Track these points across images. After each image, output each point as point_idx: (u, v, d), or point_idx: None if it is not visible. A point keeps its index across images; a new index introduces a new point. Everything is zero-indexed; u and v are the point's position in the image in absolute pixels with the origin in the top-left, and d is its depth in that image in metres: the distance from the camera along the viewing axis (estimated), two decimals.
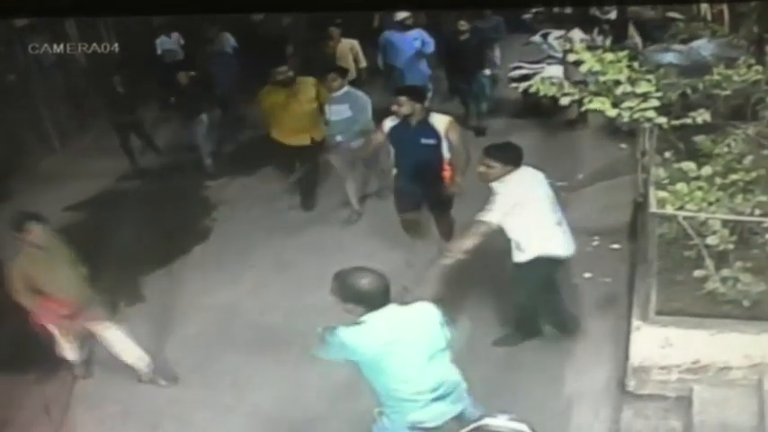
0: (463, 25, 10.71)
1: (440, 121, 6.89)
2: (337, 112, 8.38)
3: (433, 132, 6.86)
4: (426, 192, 7.17)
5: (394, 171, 7.33)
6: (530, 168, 5.77)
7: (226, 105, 11.63)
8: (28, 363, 6.61)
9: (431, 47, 11.03)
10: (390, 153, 7.29)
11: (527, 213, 5.58)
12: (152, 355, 6.44)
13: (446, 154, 6.96)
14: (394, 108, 6.87)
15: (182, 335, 7.08)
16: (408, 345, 4.13)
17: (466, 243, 5.55)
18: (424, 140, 6.88)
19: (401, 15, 10.90)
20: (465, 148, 6.88)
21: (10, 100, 10.85)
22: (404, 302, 4.30)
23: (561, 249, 5.78)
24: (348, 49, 11.15)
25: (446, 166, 6.99)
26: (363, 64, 11.32)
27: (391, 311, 4.14)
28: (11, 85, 11.27)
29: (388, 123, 7.04)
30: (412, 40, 10.90)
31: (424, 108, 7.00)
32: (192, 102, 10.49)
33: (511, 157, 5.64)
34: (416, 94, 7.07)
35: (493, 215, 5.51)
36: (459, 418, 4.34)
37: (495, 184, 5.62)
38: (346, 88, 8.48)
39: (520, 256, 5.73)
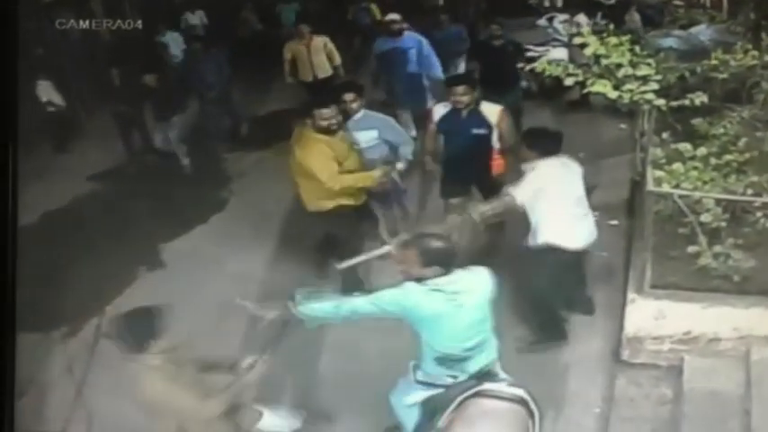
0: (497, 29, 9.68)
1: (491, 111, 6.65)
2: (366, 139, 6.89)
3: (483, 122, 6.63)
4: (474, 180, 7.00)
5: (442, 158, 6.99)
6: (567, 159, 5.91)
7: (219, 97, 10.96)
8: (51, 322, 6.80)
9: (431, 61, 9.64)
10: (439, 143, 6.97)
11: (549, 201, 5.66)
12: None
13: (496, 144, 6.77)
14: (453, 100, 6.59)
15: (198, 300, 7.26)
16: (467, 306, 4.37)
17: (487, 207, 5.71)
18: (474, 130, 6.63)
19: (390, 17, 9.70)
20: (515, 138, 6.61)
21: (38, 74, 10.93)
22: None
23: (573, 242, 5.78)
24: (321, 46, 10.51)
25: (495, 156, 6.86)
26: (338, 61, 10.63)
27: (455, 274, 4.37)
28: (39, 59, 11.37)
29: (439, 110, 6.83)
30: (405, 51, 9.59)
31: (475, 97, 6.67)
32: (162, 105, 10.10)
33: (547, 145, 5.80)
34: (471, 81, 6.89)
35: (516, 192, 5.65)
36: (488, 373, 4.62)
37: (526, 166, 5.79)
38: (363, 110, 6.98)
39: (532, 241, 5.83)
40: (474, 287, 4.41)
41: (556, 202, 5.70)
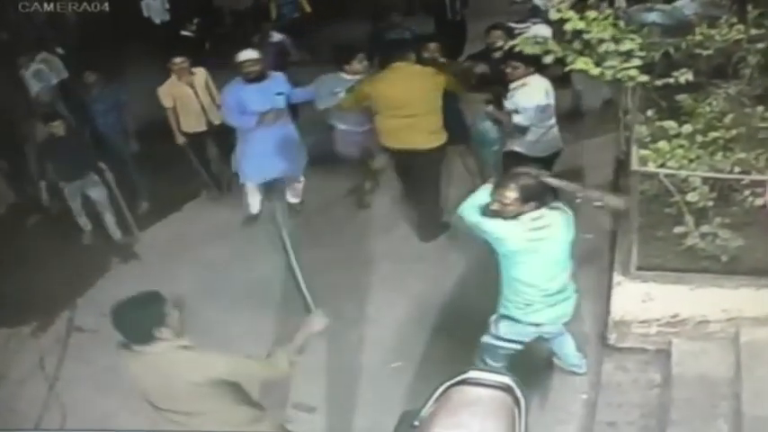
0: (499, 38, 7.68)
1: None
2: None
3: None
4: None
5: None
6: (542, 78, 6.76)
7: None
8: (23, 317, 6.69)
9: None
10: None
11: (523, 115, 6.71)
12: None
13: None
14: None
15: (171, 291, 7.12)
16: (553, 240, 4.77)
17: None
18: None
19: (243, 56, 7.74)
20: None
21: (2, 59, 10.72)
22: None
23: (535, 150, 6.81)
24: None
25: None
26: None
27: (538, 212, 4.72)
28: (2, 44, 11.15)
29: None
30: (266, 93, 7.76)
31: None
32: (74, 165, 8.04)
33: (531, 61, 6.40)
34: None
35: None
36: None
37: (514, 86, 6.74)
38: None
39: (504, 148, 7.07)
40: (559, 222, 4.80)
41: (527, 113, 6.72)
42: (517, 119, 6.80)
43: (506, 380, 4.30)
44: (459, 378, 4.32)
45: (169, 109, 8.42)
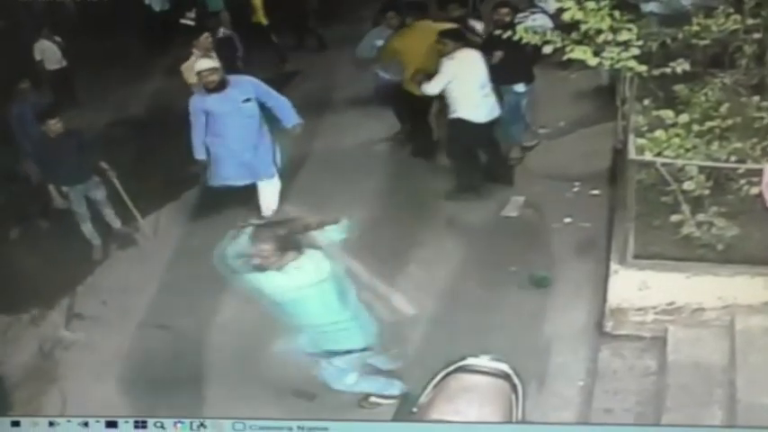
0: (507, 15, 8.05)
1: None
2: None
3: None
4: None
5: None
6: (471, 50, 7.53)
7: None
8: (20, 305, 6.72)
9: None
10: None
11: (461, 84, 7.43)
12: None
13: None
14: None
15: (170, 278, 7.21)
16: (321, 285, 4.67)
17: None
18: None
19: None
20: None
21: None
22: None
23: (478, 117, 7.54)
24: None
25: None
26: None
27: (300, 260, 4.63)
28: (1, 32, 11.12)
29: None
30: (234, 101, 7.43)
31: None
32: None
33: (458, 37, 7.53)
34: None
35: (432, 87, 7.53)
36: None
37: (444, 59, 7.40)
38: None
39: (450, 115, 7.65)
40: (319, 259, 4.66)
41: (465, 85, 7.45)
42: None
43: (504, 367, 4.35)
44: (456, 365, 4.38)
45: (193, 85, 8.02)
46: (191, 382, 5.93)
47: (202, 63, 7.43)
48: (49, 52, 11.49)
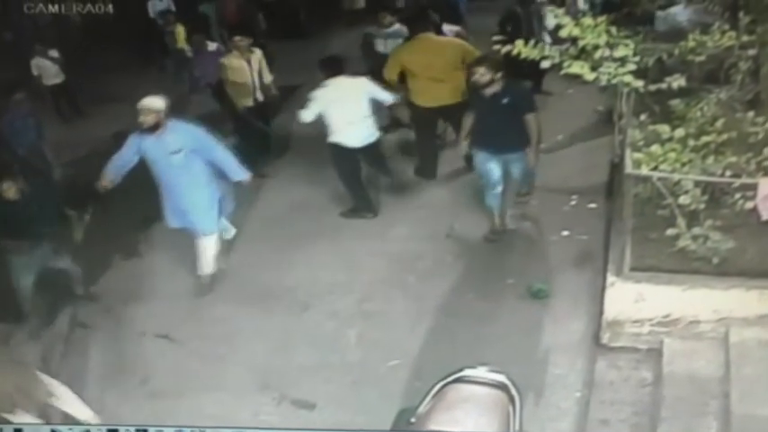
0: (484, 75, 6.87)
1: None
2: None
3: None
4: None
5: None
6: (349, 79, 7.87)
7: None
8: (24, 313, 6.76)
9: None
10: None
11: (335, 110, 7.70)
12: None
13: None
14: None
15: (173, 288, 7.27)
16: None
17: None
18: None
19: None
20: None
21: (5, 58, 10.75)
22: None
23: (351, 141, 7.88)
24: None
25: None
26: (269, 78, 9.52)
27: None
28: (6, 44, 11.19)
29: None
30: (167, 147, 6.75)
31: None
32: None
33: (331, 68, 7.81)
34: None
35: (305, 115, 7.76)
36: None
37: (316, 89, 7.75)
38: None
39: (327, 139, 7.94)
40: None
41: (338, 112, 7.73)
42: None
43: (501, 378, 4.32)
44: (454, 376, 4.34)
45: (226, 80, 9.21)
46: (191, 390, 5.98)
47: (144, 100, 6.68)
48: (45, 67, 11.61)
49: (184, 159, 6.72)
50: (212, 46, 11.16)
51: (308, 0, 16.06)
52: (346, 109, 7.75)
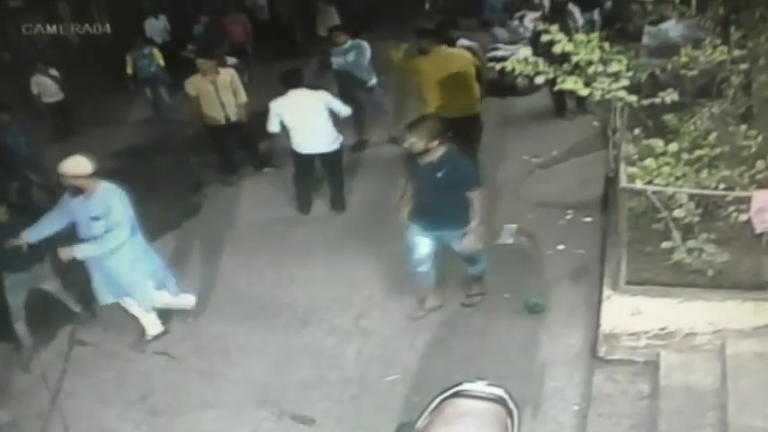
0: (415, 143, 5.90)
1: None
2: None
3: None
4: None
5: None
6: (308, 90, 8.43)
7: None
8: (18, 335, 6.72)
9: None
10: None
11: (292, 120, 8.36)
12: None
13: None
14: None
15: None
16: None
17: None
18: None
19: None
20: None
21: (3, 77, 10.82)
22: None
23: (304, 149, 8.59)
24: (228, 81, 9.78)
25: None
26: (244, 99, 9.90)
27: None
28: (4, 64, 11.26)
29: None
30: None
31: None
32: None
33: (292, 80, 8.39)
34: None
35: (271, 124, 8.43)
36: None
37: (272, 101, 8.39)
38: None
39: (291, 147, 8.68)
40: None
41: (293, 122, 8.40)
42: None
43: (499, 392, 4.35)
44: (453, 390, 4.38)
45: (193, 98, 9.71)
46: (191, 407, 6.00)
47: (64, 165, 6.05)
48: (45, 85, 11.70)
49: (101, 228, 6.05)
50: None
51: (304, 19, 16.12)
52: (304, 118, 8.41)
